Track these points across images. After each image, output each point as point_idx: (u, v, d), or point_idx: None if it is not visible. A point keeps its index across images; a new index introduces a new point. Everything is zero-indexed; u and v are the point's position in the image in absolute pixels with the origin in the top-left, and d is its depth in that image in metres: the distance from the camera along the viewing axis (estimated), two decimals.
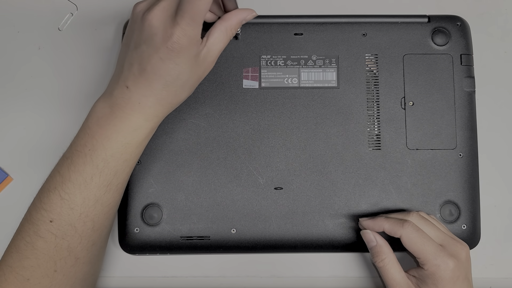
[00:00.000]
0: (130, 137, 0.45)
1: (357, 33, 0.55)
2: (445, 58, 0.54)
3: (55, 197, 0.45)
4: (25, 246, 0.45)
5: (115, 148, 0.45)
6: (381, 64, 0.54)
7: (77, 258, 0.45)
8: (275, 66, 0.54)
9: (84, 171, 0.45)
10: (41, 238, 0.44)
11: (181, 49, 0.43)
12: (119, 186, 0.47)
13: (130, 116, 0.45)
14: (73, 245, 0.45)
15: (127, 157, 0.46)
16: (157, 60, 0.43)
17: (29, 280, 0.44)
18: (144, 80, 0.44)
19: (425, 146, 0.54)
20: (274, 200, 0.53)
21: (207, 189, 0.53)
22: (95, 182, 0.45)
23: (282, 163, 0.53)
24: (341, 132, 0.54)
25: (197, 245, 0.52)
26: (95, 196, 0.45)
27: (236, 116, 0.54)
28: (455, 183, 0.53)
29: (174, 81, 0.44)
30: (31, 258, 0.44)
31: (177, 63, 0.43)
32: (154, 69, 0.44)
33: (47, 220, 0.44)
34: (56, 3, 0.59)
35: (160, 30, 0.43)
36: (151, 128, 0.46)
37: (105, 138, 0.45)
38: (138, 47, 0.44)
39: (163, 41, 0.42)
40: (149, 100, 0.45)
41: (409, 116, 0.54)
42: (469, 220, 0.53)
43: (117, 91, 0.45)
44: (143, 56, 0.44)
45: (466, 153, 0.54)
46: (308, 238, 0.53)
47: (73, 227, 0.45)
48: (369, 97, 0.54)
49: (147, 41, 0.43)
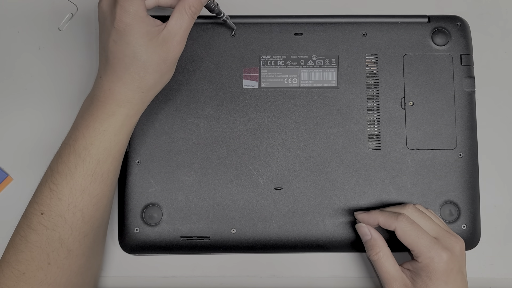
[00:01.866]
0: (106, 123, 0.46)
1: (357, 33, 0.55)
2: (445, 58, 0.54)
3: (45, 190, 0.46)
4: (19, 240, 0.46)
5: (93, 135, 0.46)
6: (381, 64, 0.54)
7: (70, 250, 0.46)
8: (275, 66, 0.54)
9: (68, 161, 0.46)
10: (33, 230, 0.45)
11: (127, 26, 0.44)
12: (104, 176, 0.47)
13: (104, 104, 0.47)
14: (64, 236, 0.46)
15: (106, 145, 0.47)
16: (112, 43, 0.45)
17: (24, 274, 0.45)
18: (109, 67, 0.46)
19: (425, 146, 0.54)
20: (274, 200, 0.53)
21: (207, 189, 0.53)
22: (79, 171, 0.46)
23: (282, 163, 0.53)
24: (341, 132, 0.54)
25: (197, 245, 0.52)
26: (81, 186, 0.46)
27: (236, 116, 0.54)
28: (455, 183, 0.53)
29: (132, 62, 0.46)
30: (25, 252, 0.45)
31: (128, 42, 0.45)
32: (112, 52, 0.45)
33: (38, 213, 0.45)
34: (56, 3, 0.59)
35: (107, 14, 0.45)
36: (125, 115, 0.47)
37: (84, 127, 0.46)
38: (100, 36, 0.47)
39: (111, 23, 0.45)
40: (116, 85, 0.46)
41: (409, 116, 0.54)
42: (469, 220, 0.53)
43: (95, 82, 0.48)
44: (103, 43, 0.46)
45: (466, 153, 0.54)
46: (308, 238, 0.53)
47: (63, 218, 0.45)
48: (369, 97, 0.54)
49: (102, 28, 0.46)
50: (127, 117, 0.47)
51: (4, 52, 0.58)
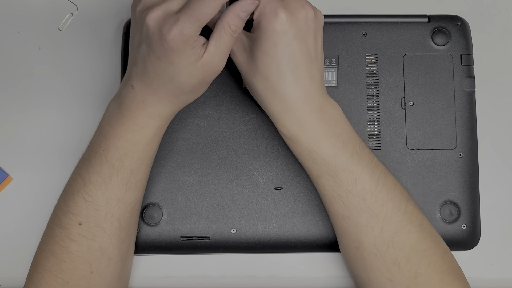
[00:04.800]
0: (138, 135, 0.46)
1: (357, 33, 0.55)
2: (445, 58, 0.54)
3: (79, 200, 0.46)
4: (60, 250, 0.46)
5: (127, 146, 0.46)
6: (381, 64, 0.54)
7: (110, 258, 0.47)
8: None
9: (102, 171, 0.46)
10: (74, 241, 0.46)
11: (176, 48, 0.42)
12: (138, 183, 0.47)
13: (135, 115, 0.46)
14: (104, 245, 0.46)
15: (140, 155, 0.47)
16: (154, 59, 0.43)
17: (68, 282, 0.46)
18: (145, 79, 0.45)
19: (425, 146, 0.54)
20: (274, 200, 0.53)
21: (207, 189, 0.53)
22: (114, 182, 0.46)
23: (282, 163, 0.53)
24: None
25: (197, 245, 0.52)
26: (116, 196, 0.46)
27: (236, 116, 0.54)
28: (455, 183, 0.53)
29: (171, 81, 0.44)
30: (67, 262, 0.46)
31: (172, 62, 0.43)
32: (153, 67, 0.44)
33: (76, 224, 0.46)
34: (56, 3, 0.59)
35: (157, 29, 0.42)
36: (157, 126, 0.47)
37: (116, 137, 0.46)
38: (140, 47, 0.45)
39: (159, 40, 0.42)
40: (150, 98, 0.46)
41: (409, 116, 0.54)
42: (469, 220, 0.53)
43: (124, 90, 0.47)
44: (144, 55, 0.44)
45: (466, 153, 0.54)
46: (308, 238, 0.53)
47: (101, 228, 0.46)
48: (369, 97, 0.54)
49: (146, 40, 0.44)
50: (158, 128, 0.47)
51: (4, 52, 0.58)
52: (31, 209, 0.55)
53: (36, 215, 0.55)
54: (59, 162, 0.56)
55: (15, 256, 0.54)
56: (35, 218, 0.55)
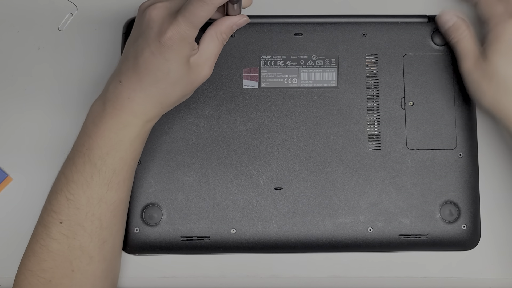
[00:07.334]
0: (121, 134, 0.46)
1: (357, 33, 0.55)
2: (445, 58, 0.54)
3: (62, 199, 0.46)
4: (40, 249, 0.46)
5: (109, 145, 0.46)
6: (381, 64, 0.54)
7: (91, 257, 0.47)
8: (275, 66, 0.54)
9: (84, 170, 0.46)
10: (54, 240, 0.46)
11: (173, 45, 0.43)
12: (121, 184, 0.47)
13: (119, 112, 0.46)
14: (85, 244, 0.46)
15: (122, 155, 0.47)
16: (149, 53, 0.44)
17: (50, 281, 0.46)
18: (136, 74, 0.45)
19: (425, 146, 0.54)
20: (274, 200, 0.53)
21: (207, 189, 0.53)
22: (95, 181, 0.46)
23: (282, 163, 0.53)
24: (341, 132, 0.54)
25: (197, 245, 0.52)
26: (98, 195, 0.46)
27: (236, 116, 0.54)
28: (455, 183, 0.53)
29: (164, 78, 0.45)
30: (48, 260, 0.46)
31: (167, 59, 0.44)
32: (145, 62, 0.45)
33: (57, 222, 0.46)
34: (56, 3, 0.59)
35: (157, 24, 0.44)
36: (140, 126, 0.47)
37: (99, 136, 0.46)
38: (136, 41, 0.46)
39: (157, 35, 0.44)
40: (138, 95, 0.46)
41: (409, 116, 0.54)
42: (469, 220, 0.53)
43: (111, 86, 0.47)
44: (138, 49, 0.45)
45: (466, 153, 0.54)
46: (308, 238, 0.53)
47: (82, 226, 0.46)
48: (369, 97, 0.54)
49: (143, 34, 0.45)
50: (142, 127, 0.47)
51: (4, 52, 0.58)
52: (31, 209, 0.55)
53: (36, 215, 0.54)
54: (59, 162, 0.55)
55: (15, 257, 0.54)
56: (35, 218, 0.55)
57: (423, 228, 0.53)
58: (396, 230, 0.53)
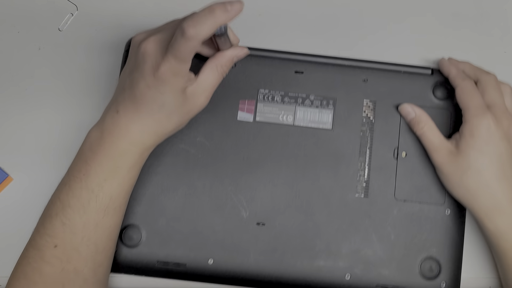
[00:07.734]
0: (119, 161, 0.46)
1: (358, 77, 0.54)
2: (444, 113, 0.54)
3: (57, 223, 0.46)
4: (32, 271, 0.46)
5: (107, 172, 0.46)
6: (378, 111, 0.54)
7: (85, 280, 0.46)
8: (272, 101, 0.54)
9: (80, 196, 0.46)
10: (47, 263, 0.45)
11: (166, 79, 0.44)
12: (117, 209, 0.47)
13: (117, 141, 0.46)
14: (79, 267, 0.46)
15: (119, 181, 0.47)
16: (144, 86, 0.45)
17: None
18: (132, 105, 0.46)
19: (413, 198, 0.53)
20: (254, 235, 0.52)
21: (189, 216, 0.52)
22: (92, 207, 0.46)
23: (268, 199, 0.53)
24: (330, 175, 0.53)
25: (172, 271, 0.52)
26: (94, 220, 0.46)
27: (227, 147, 0.53)
28: (439, 240, 0.53)
29: (159, 110, 0.46)
30: (39, 283, 0.45)
31: (162, 92, 0.45)
32: (141, 94, 0.45)
33: (52, 246, 0.46)
34: (56, 3, 0.59)
35: (150, 59, 0.44)
36: (138, 154, 0.47)
37: (96, 163, 0.46)
38: (131, 73, 0.46)
39: (151, 70, 0.44)
40: (135, 126, 0.46)
41: (401, 167, 0.53)
42: (449, 278, 0.52)
43: (108, 115, 0.47)
44: (134, 81, 0.45)
45: (453, 210, 0.53)
46: (285, 277, 0.52)
47: (77, 251, 0.46)
48: (363, 143, 0.54)
49: (138, 68, 0.45)
50: (140, 156, 0.48)
51: (4, 53, 0.58)
52: (31, 210, 0.55)
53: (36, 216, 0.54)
54: (59, 163, 0.55)
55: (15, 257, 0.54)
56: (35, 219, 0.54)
57: (401, 281, 0.52)
58: (374, 280, 0.52)
